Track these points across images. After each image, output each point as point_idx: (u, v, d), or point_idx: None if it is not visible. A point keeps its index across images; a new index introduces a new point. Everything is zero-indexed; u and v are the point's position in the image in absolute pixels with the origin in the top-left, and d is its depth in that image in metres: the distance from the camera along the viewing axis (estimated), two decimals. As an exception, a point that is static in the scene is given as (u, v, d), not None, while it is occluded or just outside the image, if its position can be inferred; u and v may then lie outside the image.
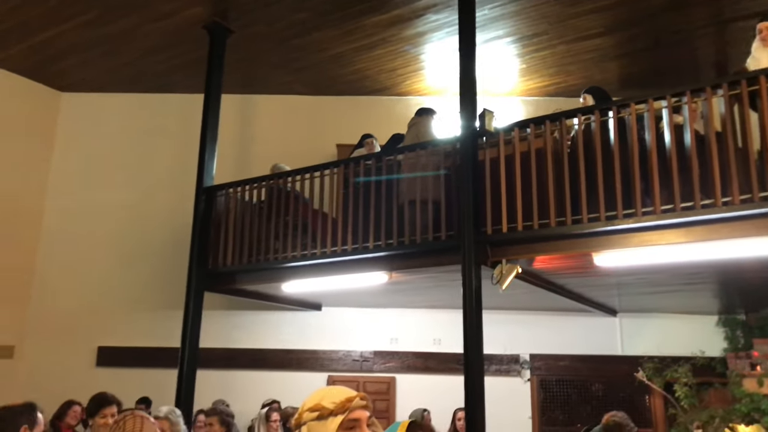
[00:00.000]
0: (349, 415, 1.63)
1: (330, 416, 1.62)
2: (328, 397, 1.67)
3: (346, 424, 1.62)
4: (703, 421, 6.47)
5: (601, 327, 7.94)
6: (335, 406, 1.63)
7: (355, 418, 1.64)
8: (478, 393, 4.80)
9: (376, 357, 8.09)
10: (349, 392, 1.68)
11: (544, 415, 7.93)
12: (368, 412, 1.67)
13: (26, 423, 2.77)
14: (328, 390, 1.70)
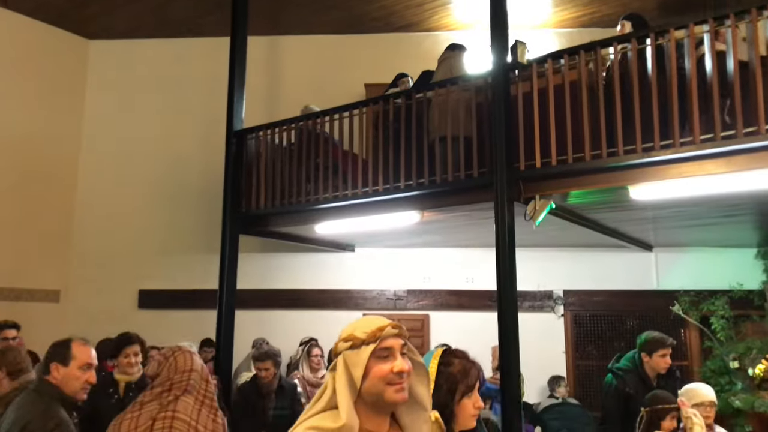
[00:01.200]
0: (380, 344, 1.65)
1: (362, 345, 1.65)
2: (361, 327, 1.69)
3: (378, 353, 1.65)
4: (740, 353, 6.45)
5: (636, 262, 7.87)
6: (366, 336, 1.66)
7: (387, 347, 1.66)
8: (511, 329, 4.84)
9: (410, 295, 8.19)
10: (382, 321, 1.69)
11: (577, 349, 7.99)
12: (402, 340, 1.69)
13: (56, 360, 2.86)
14: (362, 320, 1.73)
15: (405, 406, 1.70)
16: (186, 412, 2.53)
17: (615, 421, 4.27)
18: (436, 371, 2.05)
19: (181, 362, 2.64)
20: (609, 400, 4.37)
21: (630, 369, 4.41)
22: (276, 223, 6.54)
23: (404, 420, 1.72)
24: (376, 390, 1.62)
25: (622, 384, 4.32)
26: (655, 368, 4.39)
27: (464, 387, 2.02)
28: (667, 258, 7.80)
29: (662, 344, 4.37)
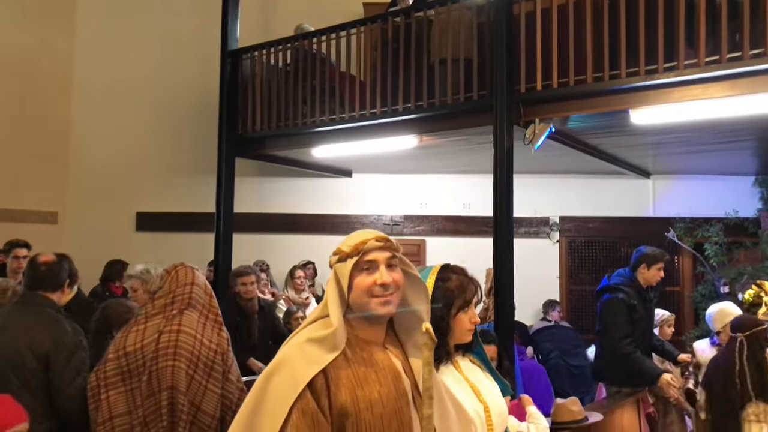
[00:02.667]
0: (363, 257, 1.67)
1: (347, 258, 1.67)
2: (348, 240, 1.72)
3: (361, 265, 1.66)
4: (731, 278, 6.56)
5: (633, 189, 7.88)
6: (350, 249, 1.68)
7: (370, 260, 1.67)
8: (506, 254, 4.88)
9: (407, 221, 8.22)
10: (367, 235, 1.70)
11: (571, 275, 8.11)
12: (388, 253, 1.69)
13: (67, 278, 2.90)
14: (351, 234, 1.74)
15: (402, 318, 1.73)
16: (191, 325, 2.57)
17: (622, 332, 4.38)
18: (433, 286, 2.06)
19: (182, 276, 2.67)
20: (614, 314, 4.44)
21: (627, 283, 4.55)
22: (272, 146, 6.48)
23: (402, 329, 1.75)
24: (361, 302, 1.65)
25: (625, 296, 4.44)
26: (648, 280, 4.56)
27: (461, 302, 2.04)
28: (664, 185, 7.80)
29: (661, 258, 4.57)
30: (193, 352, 2.51)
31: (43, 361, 2.65)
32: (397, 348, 1.73)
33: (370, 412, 1.56)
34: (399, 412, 1.60)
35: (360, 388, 1.57)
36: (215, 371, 2.54)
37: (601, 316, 4.66)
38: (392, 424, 1.57)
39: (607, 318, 4.56)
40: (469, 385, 2.08)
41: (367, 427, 1.55)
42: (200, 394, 2.50)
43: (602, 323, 4.65)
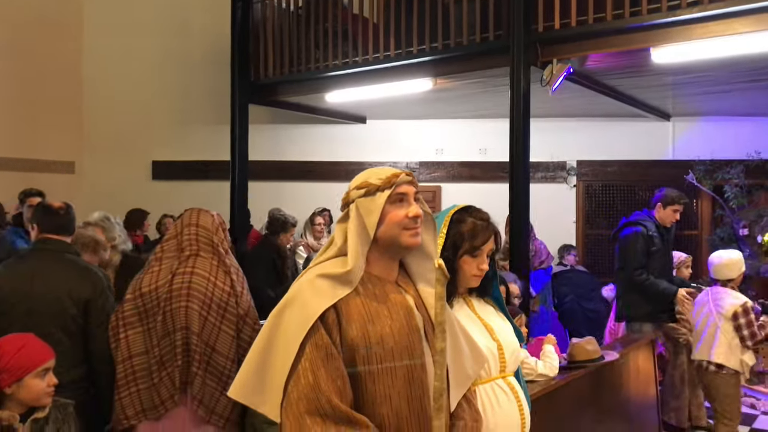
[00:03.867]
0: (396, 189, 1.65)
1: (377, 192, 1.64)
2: (375, 174, 1.68)
3: (394, 198, 1.65)
4: (751, 221, 6.48)
5: (653, 132, 7.74)
6: (382, 182, 1.65)
7: (403, 192, 1.66)
8: (522, 199, 4.86)
9: (422, 167, 8.18)
10: (395, 170, 1.69)
11: (588, 220, 8.06)
12: (414, 188, 1.69)
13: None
14: (374, 169, 1.72)
15: (413, 254, 1.72)
16: (204, 268, 2.60)
17: (637, 263, 4.60)
18: (447, 225, 2.05)
19: (186, 218, 2.68)
20: (631, 247, 4.64)
21: (645, 219, 4.75)
22: (285, 92, 6.43)
23: (412, 268, 1.75)
24: (392, 234, 1.64)
25: (645, 230, 4.63)
26: (663, 220, 4.74)
27: (468, 246, 2.00)
28: (684, 127, 7.64)
29: (679, 199, 4.75)
30: (206, 293, 2.54)
31: (82, 307, 2.70)
32: (409, 285, 1.73)
33: (381, 346, 1.56)
34: (410, 347, 1.61)
35: (371, 323, 1.58)
36: (229, 313, 2.58)
37: (620, 252, 4.79)
38: (403, 359, 1.59)
39: (625, 251, 4.71)
40: (483, 324, 2.09)
41: (378, 362, 1.56)
42: (214, 335, 2.54)
43: (620, 258, 4.79)
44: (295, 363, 1.51)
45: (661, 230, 4.72)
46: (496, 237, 2.08)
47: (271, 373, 1.56)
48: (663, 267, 4.73)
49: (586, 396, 3.31)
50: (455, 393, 1.73)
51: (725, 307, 4.12)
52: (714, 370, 4.12)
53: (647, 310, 4.61)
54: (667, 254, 4.78)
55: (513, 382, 2.09)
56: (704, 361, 4.17)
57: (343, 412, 1.48)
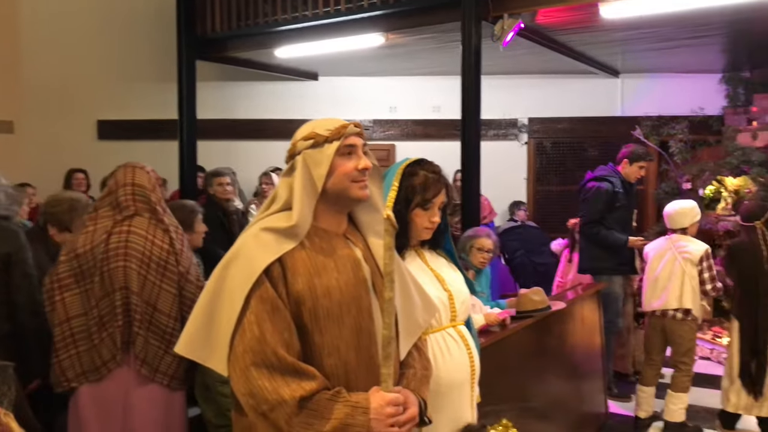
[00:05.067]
0: (345, 140, 1.63)
1: (325, 143, 1.62)
2: (322, 125, 1.65)
3: (343, 150, 1.63)
4: (693, 175, 6.68)
5: (602, 88, 7.85)
6: (330, 133, 1.62)
7: (352, 144, 1.64)
8: (474, 157, 4.89)
9: (376, 125, 8.13)
10: (343, 120, 1.66)
11: (538, 177, 8.19)
12: (363, 140, 1.67)
13: None
14: (321, 120, 1.69)
15: (361, 206, 1.72)
16: (141, 226, 2.54)
17: (592, 217, 4.77)
18: (399, 178, 2.04)
19: (121, 177, 2.60)
20: (593, 202, 4.77)
21: (611, 174, 4.86)
22: (234, 47, 6.26)
23: (361, 220, 1.75)
24: (341, 187, 1.62)
25: (610, 186, 4.75)
26: (628, 176, 4.86)
27: (420, 198, 2.01)
28: (632, 84, 7.78)
29: (645, 156, 4.94)
30: (144, 252, 2.49)
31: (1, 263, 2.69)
32: (358, 237, 1.73)
33: (328, 299, 1.56)
34: (358, 299, 1.61)
35: (317, 276, 1.57)
36: (169, 271, 2.53)
37: (582, 207, 4.92)
38: (351, 311, 1.59)
39: (586, 205, 4.84)
40: (434, 275, 2.11)
41: (325, 314, 1.56)
42: (155, 294, 2.50)
43: (582, 212, 4.92)
44: (240, 316, 1.50)
45: (625, 185, 4.83)
46: (447, 190, 2.09)
47: (217, 327, 1.55)
48: (625, 222, 4.87)
49: (533, 344, 3.41)
50: (405, 342, 1.75)
51: (693, 252, 4.19)
52: (681, 317, 4.19)
53: (611, 263, 4.74)
54: (629, 209, 4.91)
55: (463, 330, 2.13)
56: (670, 310, 4.22)
57: (289, 364, 1.48)
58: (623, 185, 4.81)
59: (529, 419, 3.19)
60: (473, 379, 2.10)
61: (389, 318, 1.54)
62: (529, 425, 2.76)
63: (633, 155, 4.85)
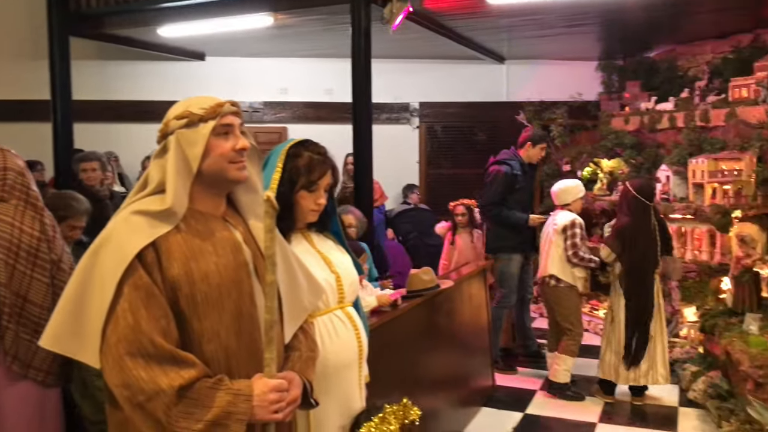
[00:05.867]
0: (221, 120, 1.57)
1: (200, 122, 1.55)
2: (196, 103, 1.59)
3: (219, 129, 1.57)
4: (572, 157, 7.06)
5: (489, 74, 8.11)
6: (205, 112, 1.56)
7: (228, 123, 1.59)
8: (365, 140, 4.90)
9: (266, 108, 7.98)
10: (216, 99, 1.60)
11: (430, 160, 8.36)
12: (240, 119, 1.62)
13: None
14: (195, 98, 1.62)
15: (240, 187, 1.67)
16: (8, 213, 2.35)
17: (490, 200, 4.99)
18: (283, 159, 2.00)
19: None
20: (493, 184, 4.96)
21: (512, 157, 5.06)
22: (112, 24, 5.89)
23: (241, 202, 1.70)
24: (217, 168, 1.57)
25: (509, 169, 4.95)
26: (531, 157, 5.08)
27: (305, 180, 1.99)
28: (517, 70, 8.08)
29: (543, 139, 5.18)
30: (11, 240, 2.31)
31: None
32: (238, 220, 1.68)
33: (206, 283, 1.51)
34: (239, 283, 1.57)
35: (194, 260, 1.52)
36: (41, 259, 2.36)
37: (485, 189, 5.09)
38: (231, 295, 1.55)
39: (487, 186, 5.04)
40: (322, 257, 2.10)
41: (203, 299, 1.51)
42: (25, 285, 2.33)
43: (485, 195, 5.10)
44: (112, 305, 1.43)
45: (525, 168, 5.05)
46: (333, 171, 2.08)
47: (88, 317, 1.46)
48: (526, 202, 5.11)
49: (423, 323, 3.49)
50: (291, 325, 1.73)
51: (558, 224, 4.56)
52: (553, 284, 4.55)
53: (513, 242, 4.97)
54: (529, 191, 5.15)
55: (351, 312, 2.14)
56: (545, 277, 4.59)
57: (167, 351, 1.43)
58: (522, 168, 5.03)
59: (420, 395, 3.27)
60: (361, 359, 2.12)
61: (271, 301, 1.51)
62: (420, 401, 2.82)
63: (535, 137, 5.10)
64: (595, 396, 4.53)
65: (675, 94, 6.65)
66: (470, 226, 5.43)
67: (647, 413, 4.31)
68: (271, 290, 1.51)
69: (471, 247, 5.36)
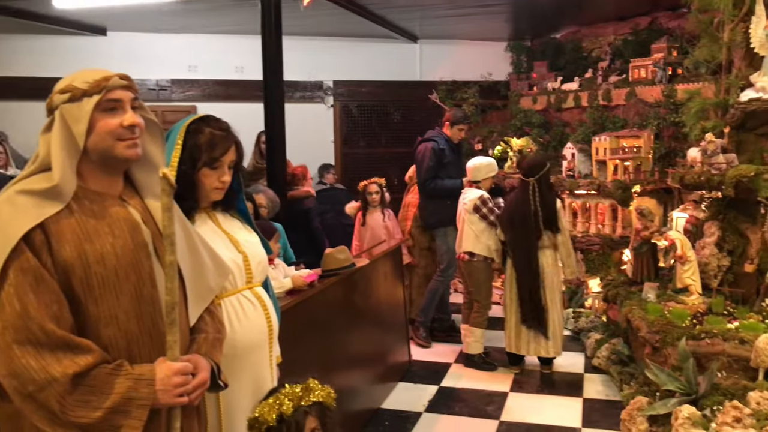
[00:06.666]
0: (107, 95, 1.48)
1: (84, 97, 1.46)
2: (81, 77, 1.49)
3: (105, 105, 1.48)
4: (483, 136, 7.22)
5: (402, 53, 8.14)
6: (89, 86, 1.47)
7: (116, 98, 1.50)
8: (278, 119, 4.82)
9: (174, 85, 7.69)
10: (105, 72, 1.51)
11: (345, 140, 8.32)
12: (132, 93, 1.54)
13: None
14: (82, 71, 1.52)
15: (138, 165, 1.59)
16: None
17: (426, 176, 5.09)
18: (183, 136, 1.93)
19: None
20: (422, 160, 5.11)
21: (438, 134, 5.21)
22: (1, -6, 5.50)
23: (139, 181, 1.62)
24: (104, 146, 1.48)
25: (436, 144, 5.09)
26: (452, 137, 5.21)
27: (207, 157, 1.92)
28: (429, 49, 8.15)
29: (462, 120, 5.25)
30: None
31: None
32: (136, 199, 1.61)
33: (102, 265, 1.44)
34: (137, 264, 1.50)
35: (89, 241, 1.44)
36: None
37: (417, 169, 5.24)
38: (129, 277, 1.48)
39: (419, 165, 5.18)
40: (228, 237, 2.04)
41: (99, 282, 1.44)
42: None
43: (417, 173, 5.24)
44: None
45: (451, 144, 5.19)
46: (237, 147, 2.01)
47: (-32, 306, 1.36)
48: (456, 177, 5.17)
49: (339, 301, 3.49)
50: (196, 307, 1.68)
51: (467, 203, 4.68)
52: (468, 259, 4.68)
53: (448, 216, 5.02)
54: (458, 165, 5.22)
55: (260, 292, 2.10)
56: (463, 253, 4.72)
57: (60, 338, 1.35)
58: (449, 143, 5.17)
59: (337, 373, 3.28)
60: (272, 339, 2.09)
61: (171, 282, 1.46)
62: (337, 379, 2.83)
63: (453, 119, 5.22)
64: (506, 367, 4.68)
65: (580, 75, 6.90)
66: (381, 204, 5.46)
67: (555, 381, 4.50)
68: (171, 271, 1.46)
69: (383, 227, 5.39)
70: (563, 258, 4.50)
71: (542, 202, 4.39)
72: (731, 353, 3.42)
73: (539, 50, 7.77)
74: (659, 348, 3.65)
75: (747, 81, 3.95)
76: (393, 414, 3.98)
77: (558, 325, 4.52)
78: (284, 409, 1.83)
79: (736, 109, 3.97)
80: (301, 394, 1.87)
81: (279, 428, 1.83)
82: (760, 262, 3.83)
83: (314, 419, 1.87)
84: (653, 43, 6.20)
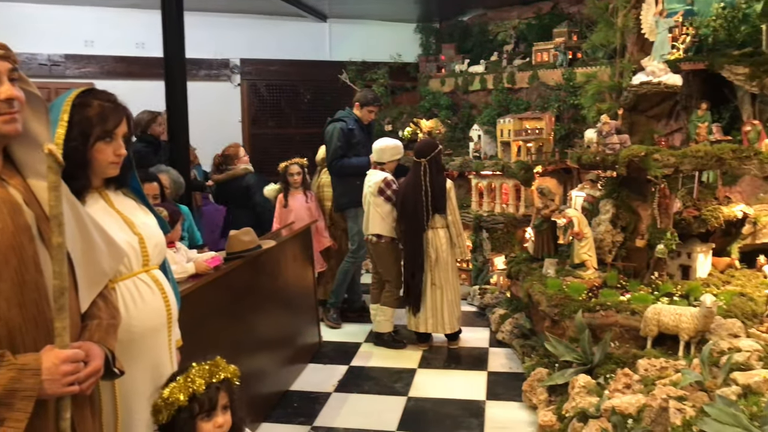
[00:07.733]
0: None
1: None
2: None
3: None
4: (393, 117, 7.26)
5: (311, 32, 8.04)
6: None
7: None
8: (180, 97, 4.67)
9: (69, 61, 7.27)
10: None
11: (254, 120, 8.15)
12: (9, 64, 1.43)
13: None
14: None
15: (19, 142, 1.49)
16: None
17: (333, 156, 5.11)
18: (69, 111, 1.82)
19: None
20: (330, 140, 5.12)
21: (347, 115, 5.23)
22: None
23: (20, 160, 1.51)
24: None
25: (344, 124, 5.11)
26: (362, 118, 5.24)
27: (100, 131, 1.83)
28: (339, 29, 8.09)
29: (372, 102, 5.26)
30: None
31: None
32: (17, 179, 1.50)
33: None
34: (19, 248, 1.41)
35: None
36: None
37: (326, 149, 5.23)
38: (10, 262, 1.38)
39: (328, 146, 5.18)
40: (122, 218, 1.95)
41: None
42: None
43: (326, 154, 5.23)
44: None
45: (361, 124, 5.20)
46: (128, 120, 1.93)
47: None
48: (365, 156, 5.15)
49: (245, 284, 3.43)
50: (88, 292, 1.60)
51: (372, 185, 4.71)
52: (375, 240, 4.73)
53: (358, 197, 4.98)
54: (368, 145, 5.18)
55: (158, 275, 2.02)
56: (369, 235, 4.75)
57: None
58: (359, 124, 5.17)
59: (244, 356, 3.23)
60: (170, 323, 2.02)
61: (59, 266, 1.38)
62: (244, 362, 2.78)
63: (361, 100, 5.23)
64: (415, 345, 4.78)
65: (486, 57, 7.05)
66: (303, 186, 5.38)
67: (461, 356, 4.63)
68: (59, 254, 1.38)
69: (306, 208, 5.32)
70: (453, 238, 4.61)
71: (432, 182, 4.48)
72: (623, 324, 3.63)
73: (447, 32, 7.88)
74: (558, 321, 3.83)
75: (639, 65, 4.16)
76: (302, 395, 3.98)
77: (454, 303, 4.64)
78: (196, 386, 1.80)
79: (628, 92, 4.19)
80: (211, 370, 1.85)
81: (191, 407, 1.80)
82: (650, 237, 4.07)
83: (225, 395, 1.88)
84: (555, 27, 6.41)
